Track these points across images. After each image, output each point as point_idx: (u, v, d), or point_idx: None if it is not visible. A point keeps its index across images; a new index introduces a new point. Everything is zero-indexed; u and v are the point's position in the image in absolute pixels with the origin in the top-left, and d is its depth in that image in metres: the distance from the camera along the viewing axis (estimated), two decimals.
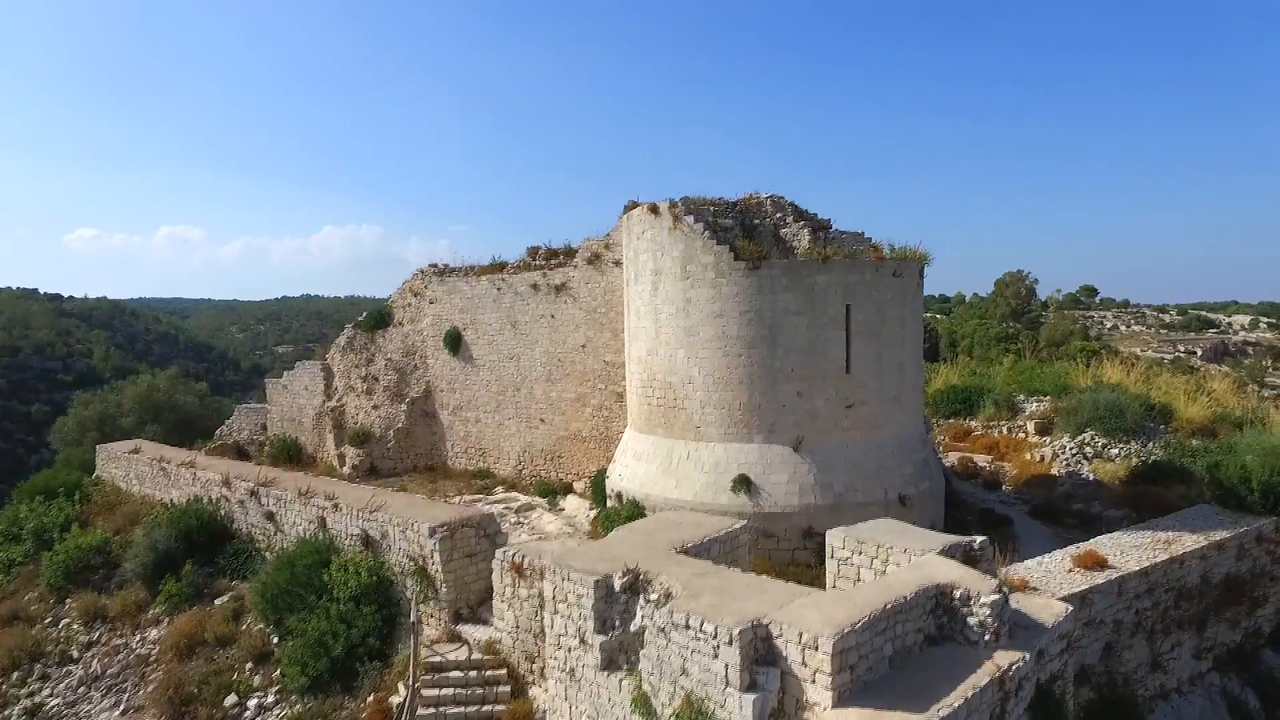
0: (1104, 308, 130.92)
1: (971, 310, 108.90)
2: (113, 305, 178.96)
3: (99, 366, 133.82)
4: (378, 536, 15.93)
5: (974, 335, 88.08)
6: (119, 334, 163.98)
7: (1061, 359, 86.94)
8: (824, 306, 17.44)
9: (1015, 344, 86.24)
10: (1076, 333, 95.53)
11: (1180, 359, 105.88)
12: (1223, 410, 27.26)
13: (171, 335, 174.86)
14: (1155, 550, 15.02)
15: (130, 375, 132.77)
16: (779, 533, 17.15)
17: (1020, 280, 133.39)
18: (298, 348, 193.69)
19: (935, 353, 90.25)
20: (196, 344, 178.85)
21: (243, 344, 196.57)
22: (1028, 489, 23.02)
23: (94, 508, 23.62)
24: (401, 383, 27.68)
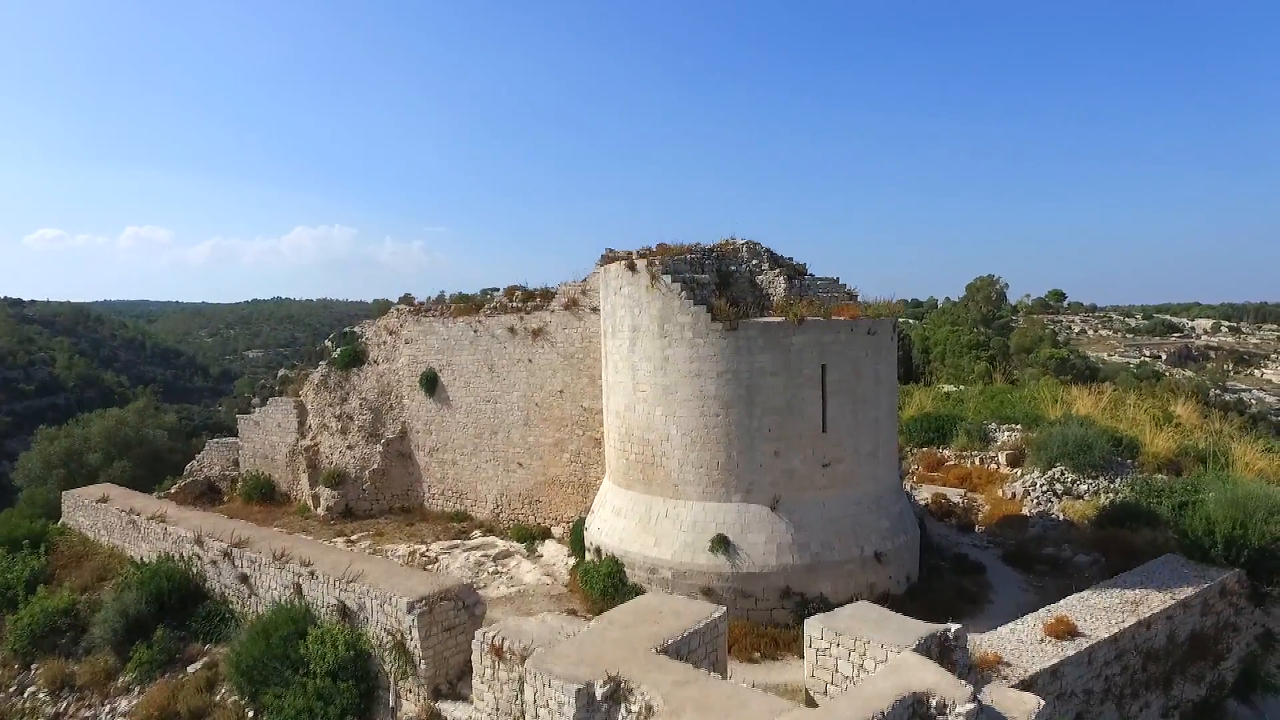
0: (1072, 312, 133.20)
1: (944, 316, 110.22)
2: (76, 310, 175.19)
3: (62, 375, 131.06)
4: (355, 607, 15.78)
5: (946, 343, 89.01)
6: (83, 340, 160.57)
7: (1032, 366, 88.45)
8: (800, 366, 17.58)
9: (987, 350, 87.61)
10: (1046, 339, 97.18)
11: (1146, 363, 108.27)
12: (1187, 443, 27.88)
13: (138, 341, 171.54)
14: (1123, 612, 15.36)
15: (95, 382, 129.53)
16: (757, 593, 17.28)
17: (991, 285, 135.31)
18: (268, 352, 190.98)
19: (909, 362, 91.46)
20: (164, 349, 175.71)
21: (212, 349, 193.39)
22: (1000, 530, 23.40)
23: (60, 559, 23.10)
24: (377, 423, 27.42)
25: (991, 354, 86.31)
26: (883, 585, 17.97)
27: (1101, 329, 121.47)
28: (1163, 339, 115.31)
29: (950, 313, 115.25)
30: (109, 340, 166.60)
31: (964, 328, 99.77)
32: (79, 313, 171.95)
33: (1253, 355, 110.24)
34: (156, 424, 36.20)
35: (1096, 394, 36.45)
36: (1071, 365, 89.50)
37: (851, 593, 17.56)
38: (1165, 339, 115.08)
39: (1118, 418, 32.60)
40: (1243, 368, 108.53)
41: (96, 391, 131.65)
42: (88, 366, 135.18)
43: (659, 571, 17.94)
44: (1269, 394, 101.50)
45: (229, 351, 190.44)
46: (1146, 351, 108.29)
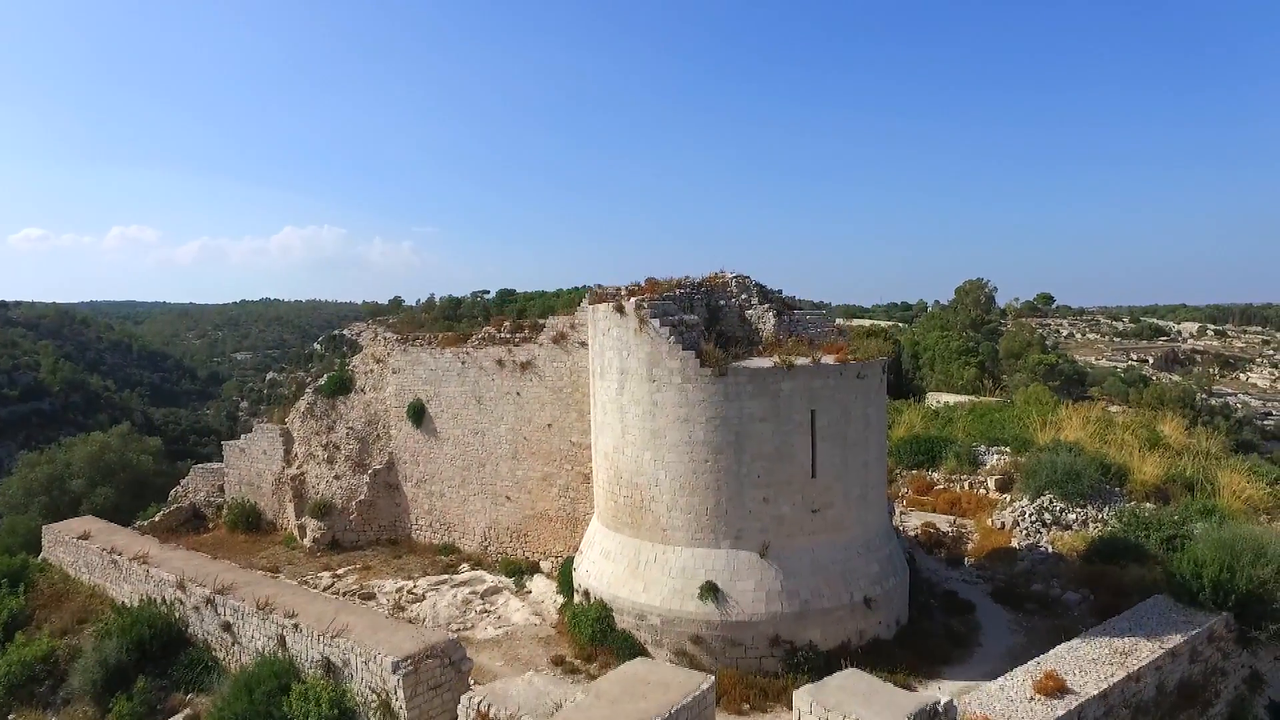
0: (1060, 315, 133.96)
1: (933, 321, 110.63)
2: (61, 313, 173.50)
3: (47, 380, 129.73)
4: (340, 663, 15.59)
5: (935, 348, 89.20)
6: (68, 343, 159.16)
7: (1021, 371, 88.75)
8: (789, 412, 17.46)
9: (976, 356, 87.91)
10: (1035, 343, 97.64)
11: (1133, 367, 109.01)
12: (1174, 469, 27.96)
13: (124, 344, 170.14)
14: (1112, 664, 15.32)
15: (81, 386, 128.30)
16: (746, 641, 17.18)
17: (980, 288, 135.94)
18: (257, 354, 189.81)
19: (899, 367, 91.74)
20: (151, 352, 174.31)
21: (200, 350, 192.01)
22: (990, 563, 23.39)
23: (40, 598, 22.77)
24: (364, 452, 27.18)
25: (981, 359, 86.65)
26: (872, 631, 17.92)
27: (1089, 332, 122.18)
28: (1149, 342, 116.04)
29: (939, 317, 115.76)
30: (95, 343, 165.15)
31: (953, 332, 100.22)
32: (64, 315, 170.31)
33: (1238, 359, 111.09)
34: (140, 449, 35.78)
35: (1084, 414, 36.57)
36: (1060, 371, 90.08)
37: (841, 639, 17.54)
38: (1152, 342, 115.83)
39: (1106, 439, 32.70)
40: (1228, 371, 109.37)
41: (83, 396, 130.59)
42: (73, 371, 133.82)
43: (647, 618, 17.81)
44: (1254, 398, 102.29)
45: (217, 354, 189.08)
46: (1133, 355, 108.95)
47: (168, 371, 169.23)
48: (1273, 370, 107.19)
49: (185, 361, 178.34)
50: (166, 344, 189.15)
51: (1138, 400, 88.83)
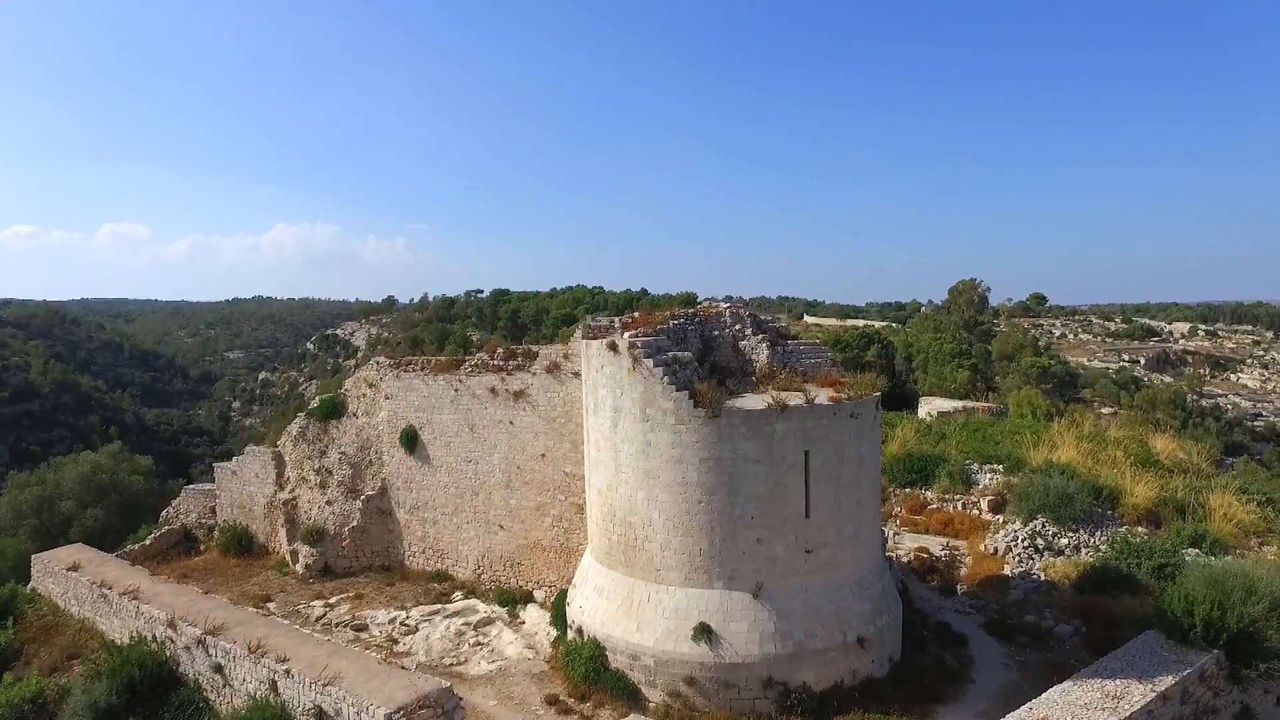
0: (1053, 315, 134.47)
1: (926, 322, 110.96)
2: (51, 312, 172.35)
3: (37, 381, 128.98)
4: (332, 712, 15.52)
5: (929, 350, 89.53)
6: (59, 343, 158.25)
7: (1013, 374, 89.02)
8: (783, 454, 17.43)
9: (969, 359, 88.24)
10: (1027, 345, 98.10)
11: (1125, 368, 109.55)
12: (1166, 491, 28.04)
13: (115, 343, 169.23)
14: (1104, 710, 15.37)
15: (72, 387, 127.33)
16: (739, 683, 17.18)
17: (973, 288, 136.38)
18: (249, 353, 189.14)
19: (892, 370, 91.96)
20: (142, 351, 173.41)
21: (192, 349, 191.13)
22: (982, 592, 23.46)
23: (29, 630, 22.63)
24: (356, 478, 27.06)
25: (974, 362, 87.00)
26: (865, 670, 17.94)
27: (1081, 333, 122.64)
28: (1141, 343, 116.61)
29: (933, 319, 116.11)
30: (86, 342, 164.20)
31: (946, 334, 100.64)
32: (54, 314, 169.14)
33: (1228, 359, 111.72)
34: (131, 469, 35.54)
35: (1077, 430, 36.71)
36: (1052, 374, 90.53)
37: (834, 680, 17.56)
38: (1144, 343, 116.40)
39: (1098, 458, 32.81)
40: (1219, 372, 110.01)
41: (73, 397, 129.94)
42: (64, 371, 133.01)
43: (641, 659, 17.80)
44: (1244, 398, 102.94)
45: (209, 352, 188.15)
46: (1125, 356, 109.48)
47: (159, 371, 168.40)
48: (1263, 371, 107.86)
49: (177, 360, 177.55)
50: (158, 343, 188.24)
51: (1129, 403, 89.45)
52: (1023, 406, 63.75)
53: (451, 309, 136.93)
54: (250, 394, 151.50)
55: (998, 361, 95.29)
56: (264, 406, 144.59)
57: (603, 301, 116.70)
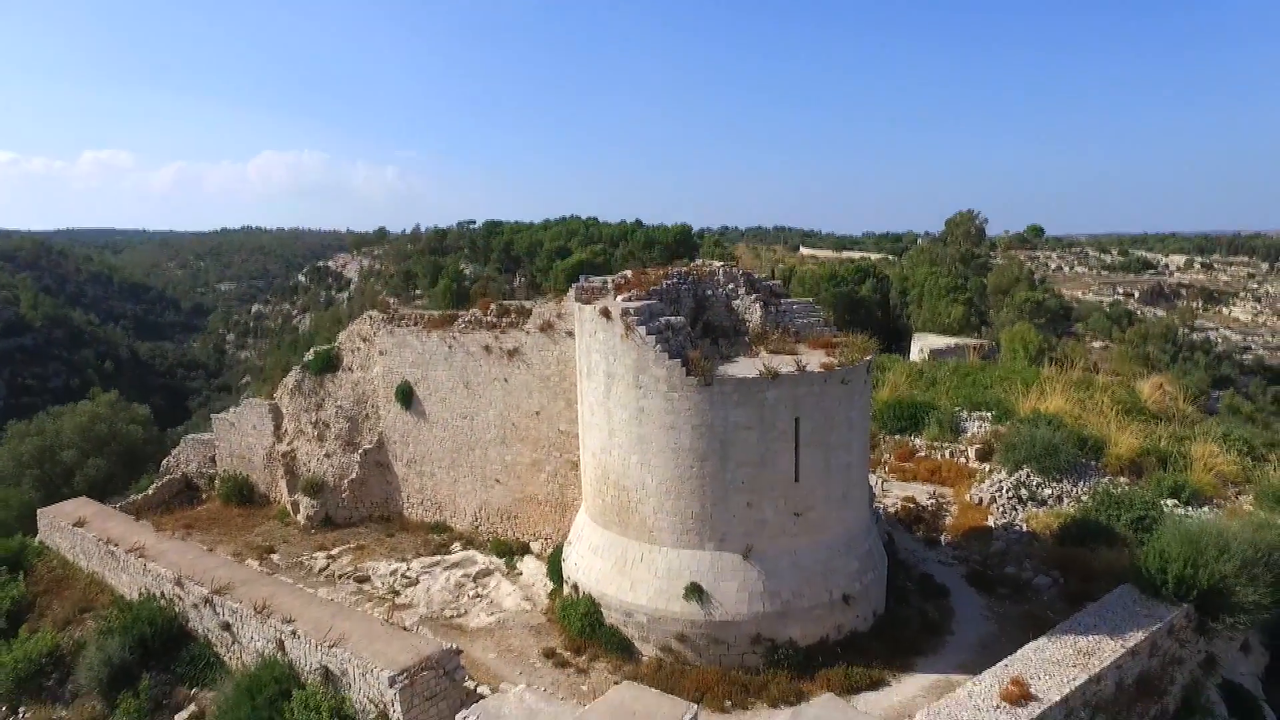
0: (1050, 247, 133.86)
1: (922, 255, 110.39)
2: (37, 244, 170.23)
3: (28, 315, 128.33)
4: (338, 672, 16.19)
5: (924, 284, 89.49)
6: (47, 275, 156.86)
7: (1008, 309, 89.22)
8: (774, 420, 17.68)
9: (964, 293, 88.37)
10: (1023, 279, 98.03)
11: (1118, 302, 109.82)
12: (1149, 442, 28.59)
13: (104, 276, 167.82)
14: (1075, 666, 16.10)
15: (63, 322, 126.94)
16: (729, 639, 17.89)
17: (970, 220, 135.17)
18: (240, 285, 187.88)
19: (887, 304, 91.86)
20: (132, 284, 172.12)
21: (182, 281, 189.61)
22: (966, 543, 24.16)
23: (40, 583, 23.28)
24: (354, 431, 27.37)
25: (969, 296, 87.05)
26: (850, 625, 18.68)
27: (1077, 265, 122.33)
28: (1136, 276, 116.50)
29: (929, 251, 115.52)
30: (74, 275, 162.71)
31: (942, 268, 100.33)
32: (41, 246, 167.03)
33: (1222, 293, 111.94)
34: (129, 418, 35.79)
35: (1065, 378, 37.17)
36: (1046, 308, 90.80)
37: (820, 635, 18.29)
38: (1139, 276, 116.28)
39: (1085, 405, 33.32)
40: (1212, 306, 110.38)
41: (65, 331, 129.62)
42: (54, 306, 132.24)
43: (634, 616, 18.46)
44: (1235, 332, 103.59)
45: (200, 284, 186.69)
46: (1120, 289, 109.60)
47: (150, 304, 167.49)
48: (1255, 304, 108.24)
49: (168, 293, 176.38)
50: (147, 275, 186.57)
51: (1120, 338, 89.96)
52: (1015, 342, 64.28)
53: (444, 240, 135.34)
54: (244, 326, 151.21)
55: (992, 295, 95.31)
56: (258, 339, 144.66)
57: (597, 234, 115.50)
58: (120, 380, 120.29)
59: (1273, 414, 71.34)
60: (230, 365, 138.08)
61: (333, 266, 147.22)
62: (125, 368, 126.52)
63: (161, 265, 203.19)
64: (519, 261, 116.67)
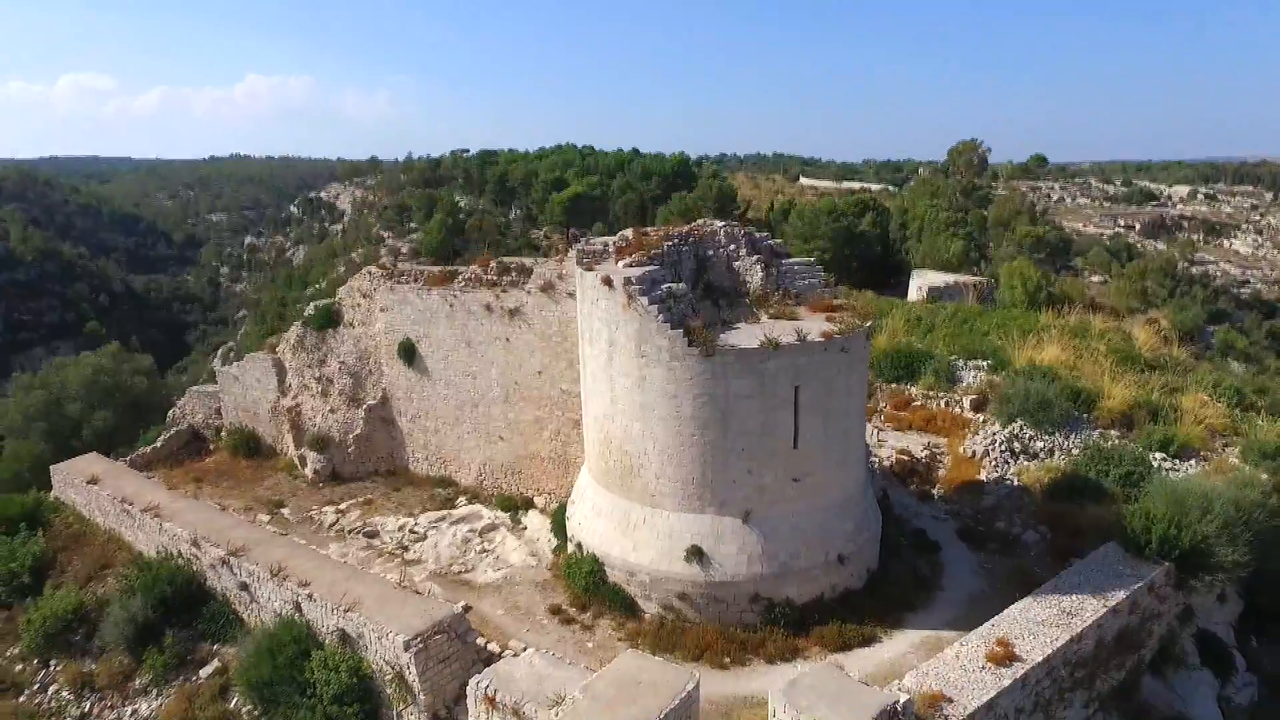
0: (1053, 178, 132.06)
1: (923, 187, 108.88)
2: (22, 173, 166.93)
3: (18, 249, 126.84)
4: (355, 634, 16.90)
5: (924, 218, 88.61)
6: (34, 207, 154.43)
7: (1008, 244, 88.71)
8: (774, 389, 17.96)
9: (964, 227, 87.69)
10: (1024, 212, 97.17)
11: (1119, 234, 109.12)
12: (1142, 394, 29.00)
13: (93, 208, 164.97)
14: (1058, 627, 16.86)
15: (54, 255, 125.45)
16: (728, 599, 18.64)
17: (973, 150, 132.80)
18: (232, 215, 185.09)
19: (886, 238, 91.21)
20: (122, 216, 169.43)
21: (172, 212, 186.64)
22: (959, 497, 24.83)
23: (58, 539, 23.90)
24: (357, 387, 27.66)
25: (969, 231, 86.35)
26: (844, 584, 19.42)
27: (1080, 197, 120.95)
28: (1139, 207, 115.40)
29: (930, 183, 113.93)
30: (62, 206, 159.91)
31: (943, 200, 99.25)
32: (26, 176, 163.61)
33: (1224, 225, 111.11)
34: (133, 369, 35.93)
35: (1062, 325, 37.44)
36: (1046, 243, 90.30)
37: (815, 594, 19.05)
38: (1141, 208, 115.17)
39: (1080, 352, 33.67)
40: (1213, 238, 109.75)
41: (57, 265, 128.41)
42: (44, 239, 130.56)
43: (637, 575, 19.16)
44: (1235, 265, 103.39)
45: (190, 215, 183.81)
46: (1121, 222, 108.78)
47: (142, 235, 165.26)
48: (1256, 237, 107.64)
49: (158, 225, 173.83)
50: (137, 205, 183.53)
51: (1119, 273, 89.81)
52: (1014, 279, 64.23)
53: (437, 170, 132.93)
54: (237, 260, 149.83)
55: (992, 229, 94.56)
56: (252, 272, 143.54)
57: (593, 164, 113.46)
58: (116, 315, 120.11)
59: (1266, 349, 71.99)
60: (226, 299, 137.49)
61: (325, 197, 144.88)
62: (120, 302, 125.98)
63: (150, 195, 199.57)
64: (514, 193, 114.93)
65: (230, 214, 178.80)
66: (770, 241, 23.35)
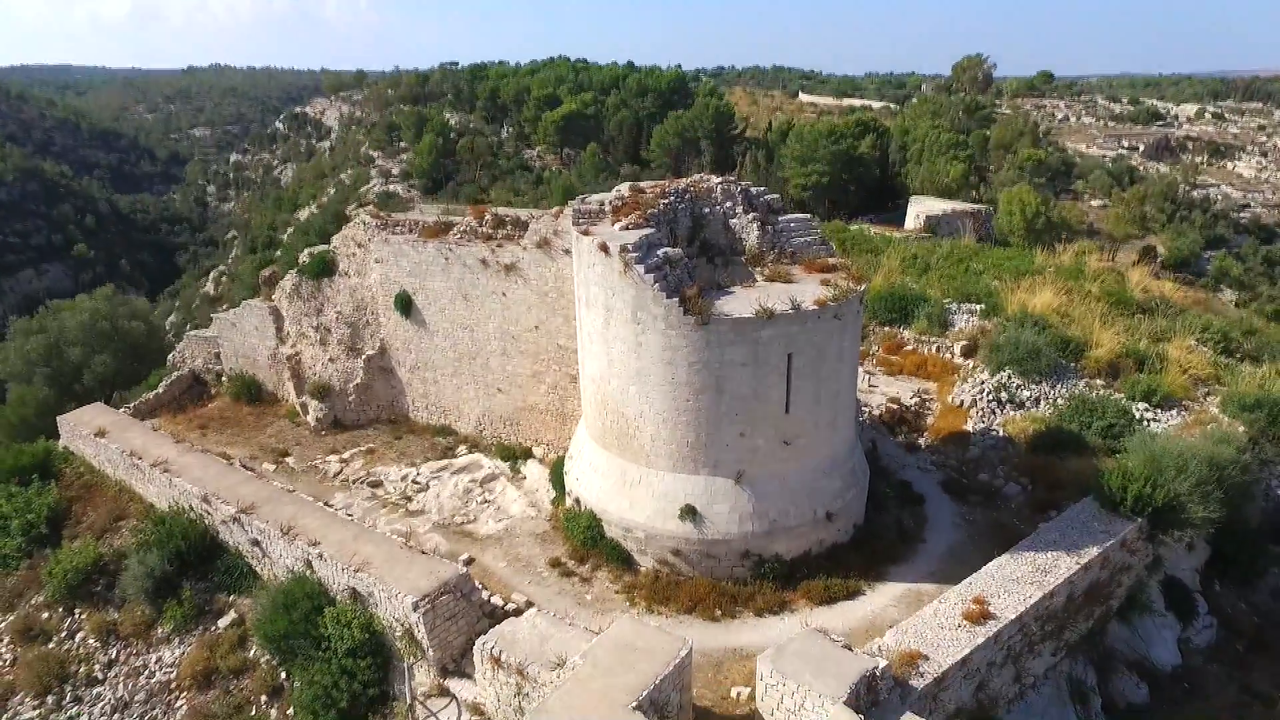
0: (1058, 94, 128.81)
1: (925, 106, 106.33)
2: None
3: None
4: (365, 592, 17.78)
5: (925, 140, 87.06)
6: (10, 122, 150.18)
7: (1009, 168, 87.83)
8: (767, 357, 18.32)
9: (965, 149, 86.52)
10: (1027, 133, 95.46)
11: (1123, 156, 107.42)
12: (1129, 342, 29.42)
13: (71, 123, 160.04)
14: (1032, 584, 17.81)
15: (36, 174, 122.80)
16: (720, 555, 19.53)
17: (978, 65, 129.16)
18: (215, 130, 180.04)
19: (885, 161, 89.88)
20: (102, 131, 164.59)
21: (153, 127, 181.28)
22: (945, 447, 25.59)
23: (71, 489, 24.61)
24: (355, 337, 27.89)
25: (970, 154, 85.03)
26: (831, 539, 20.31)
27: (1085, 116, 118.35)
28: (1144, 127, 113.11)
29: (933, 102, 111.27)
30: (39, 121, 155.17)
31: (945, 120, 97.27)
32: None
33: (1229, 147, 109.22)
34: (130, 313, 35.88)
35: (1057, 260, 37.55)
36: (1048, 167, 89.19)
37: (803, 549, 19.96)
38: (1146, 128, 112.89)
39: (1074, 296, 33.96)
40: (1217, 160, 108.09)
41: (40, 184, 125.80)
42: (24, 157, 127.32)
43: (633, 531, 19.99)
44: (1236, 189, 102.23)
45: (172, 129, 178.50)
46: (1125, 143, 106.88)
47: (124, 152, 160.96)
48: (1261, 159, 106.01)
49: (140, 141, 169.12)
50: (116, 119, 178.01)
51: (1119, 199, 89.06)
52: (1012, 205, 63.79)
53: (425, 85, 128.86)
54: (224, 178, 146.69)
55: (994, 152, 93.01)
56: (240, 190, 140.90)
57: (586, 80, 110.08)
58: (103, 237, 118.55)
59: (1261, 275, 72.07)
60: (214, 219, 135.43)
61: (311, 113, 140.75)
62: (107, 223, 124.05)
63: (129, 108, 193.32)
64: (506, 110, 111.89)
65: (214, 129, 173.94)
66: (767, 198, 23.22)
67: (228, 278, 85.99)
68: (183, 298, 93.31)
